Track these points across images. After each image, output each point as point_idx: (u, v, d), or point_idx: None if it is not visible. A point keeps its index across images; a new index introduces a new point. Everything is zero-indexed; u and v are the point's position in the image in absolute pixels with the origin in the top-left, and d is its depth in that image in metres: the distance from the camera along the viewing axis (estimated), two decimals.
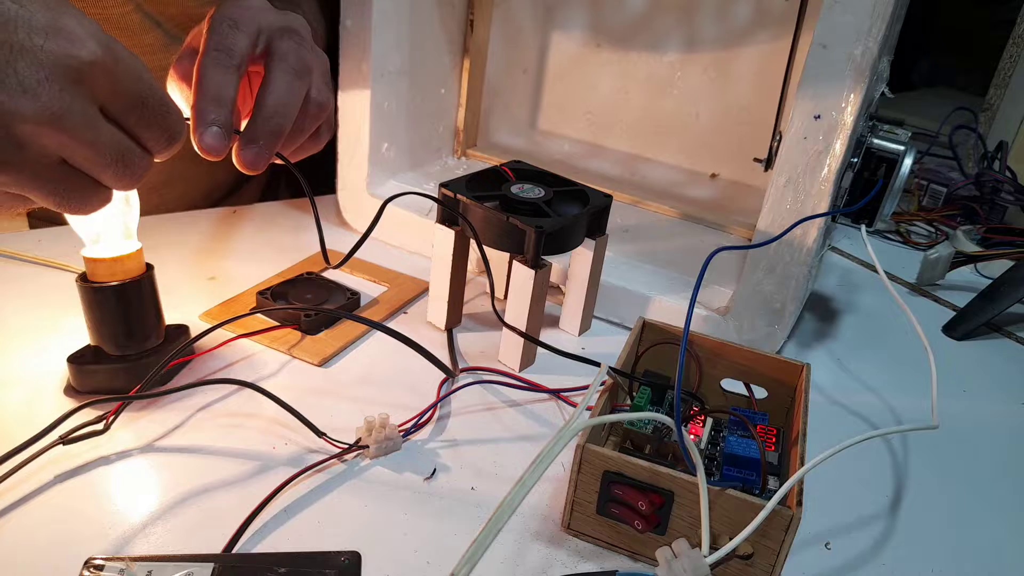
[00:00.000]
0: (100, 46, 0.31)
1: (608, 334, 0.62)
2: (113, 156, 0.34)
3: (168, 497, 0.40)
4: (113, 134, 0.34)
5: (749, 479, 0.40)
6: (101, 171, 0.35)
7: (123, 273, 0.45)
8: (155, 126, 0.36)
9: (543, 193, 0.56)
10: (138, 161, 0.36)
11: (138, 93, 0.34)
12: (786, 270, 0.55)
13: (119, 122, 0.35)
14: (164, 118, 0.36)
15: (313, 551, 0.36)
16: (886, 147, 0.56)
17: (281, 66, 0.44)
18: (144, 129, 0.36)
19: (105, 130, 0.34)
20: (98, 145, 0.33)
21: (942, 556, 0.43)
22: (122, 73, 0.33)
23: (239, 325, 0.53)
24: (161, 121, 0.36)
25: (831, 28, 0.49)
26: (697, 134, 0.85)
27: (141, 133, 0.36)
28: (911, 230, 0.92)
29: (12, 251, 0.61)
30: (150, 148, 0.37)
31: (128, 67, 0.33)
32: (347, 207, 0.73)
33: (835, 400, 0.57)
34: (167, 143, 0.37)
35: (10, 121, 0.30)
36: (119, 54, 0.33)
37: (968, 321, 0.69)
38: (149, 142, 0.37)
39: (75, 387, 0.46)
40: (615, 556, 0.40)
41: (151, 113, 0.35)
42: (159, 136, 0.37)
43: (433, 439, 0.47)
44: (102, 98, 0.33)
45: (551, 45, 0.88)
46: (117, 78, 0.33)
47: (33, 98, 0.30)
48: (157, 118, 0.36)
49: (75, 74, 0.31)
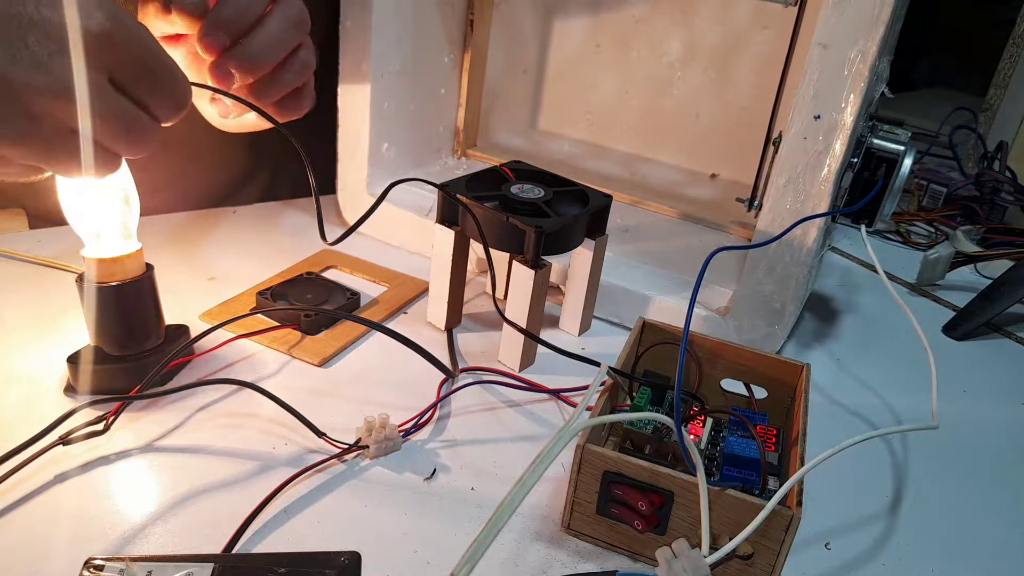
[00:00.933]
0: (107, 16, 0.32)
1: (608, 334, 0.62)
2: (123, 125, 0.35)
3: (168, 497, 0.40)
4: (122, 104, 0.35)
5: (749, 479, 0.40)
6: (111, 141, 0.35)
7: (123, 273, 0.45)
8: (162, 94, 0.36)
9: (543, 193, 0.56)
10: (147, 129, 0.37)
11: (145, 62, 0.34)
12: (786, 270, 0.55)
13: (127, 91, 0.35)
14: (171, 86, 0.37)
15: (313, 551, 0.35)
16: (886, 147, 0.56)
17: (283, 9, 0.44)
18: (152, 97, 0.36)
19: (114, 100, 0.34)
20: (107, 116, 0.34)
21: (942, 556, 0.43)
22: (129, 42, 0.33)
23: (239, 325, 0.53)
24: (168, 89, 0.36)
25: (831, 28, 0.49)
26: (697, 134, 0.85)
27: (149, 101, 0.36)
28: (911, 230, 0.92)
29: (12, 251, 0.61)
30: (158, 116, 0.37)
31: (135, 36, 0.33)
32: (347, 207, 0.73)
33: (835, 400, 0.57)
34: (175, 110, 0.38)
35: (24, 94, 0.30)
36: (126, 23, 0.33)
37: (968, 321, 0.69)
38: (157, 110, 0.37)
39: (75, 387, 0.46)
40: (615, 556, 0.40)
41: (158, 81, 0.36)
42: (167, 103, 0.37)
43: (433, 439, 0.47)
44: (110, 68, 0.33)
45: (551, 45, 0.88)
46: (124, 48, 0.33)
47: (46, 72, 0.30)
48: (164, 86, 0.36)
49: (84, 46, 0.31)
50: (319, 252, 0.68)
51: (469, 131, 0.82)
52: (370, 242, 0.72)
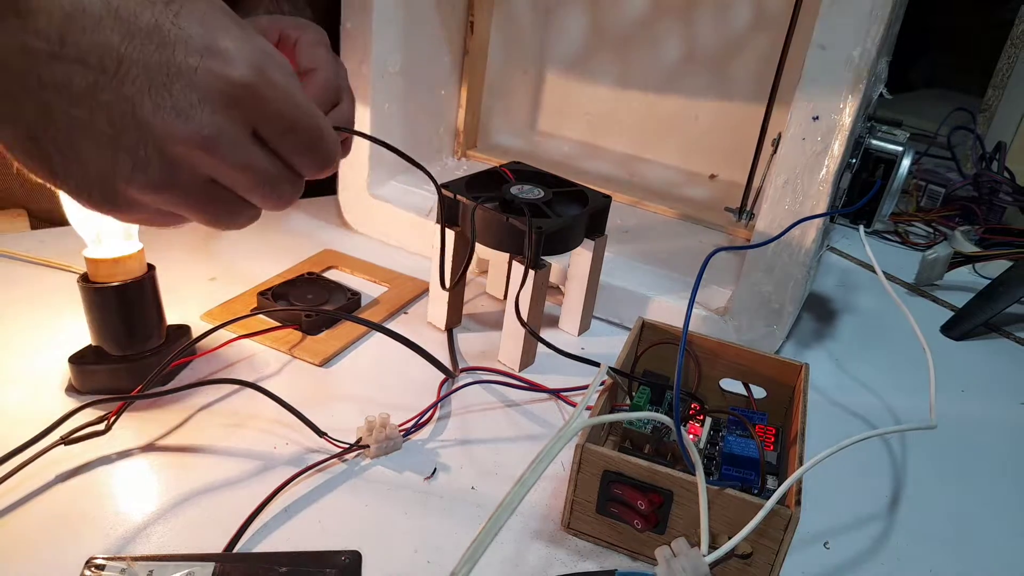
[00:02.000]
0: (252, 69, 0.31)
1: (607, 334, 0.62)
2: (262, 180, 0.33)
3: (169, 497, 0.40)
4: (263, 159, 0.33)
5: (748, 479, 0.40)
6: (250, 194, 0.34)
7: (124, 273, 0.46)
8: (307, 151, 0.34)
9: (542, 194, 0.56)
10: (288, 186, 0.35)
11: (291, 118, 0.33)
12: (785, 270, 0.55)
13: (271, 146, 0.34)
14: (317, 143, 0.34)
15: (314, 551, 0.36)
16: (884, 148, 0.56)
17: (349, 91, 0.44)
18: (296, 155, 0.34)
19: (255, 154, 0.33)
20: (248, 169, 0.32)
21: (941, 555, 0.43)
22: (274, 97, 0.32)
23: (240, 325, 0.53)
24: (314, 146, 0.34)
25: (830, 29, 0.49)
26: (696, 135, 0.85)
27: (293, 158, 0.35)
28: (909, 231, 0.92)
29: (14, 251, 0.61)
30: (302, 173, 0.36)
31: (281, 91, 0.32)
32: (348, 207, 0.73)
33: (834, 400, 0.57)
34: (320, 168, 0.36)
35: (165, 143, 0.30)
36: (272, 77, 0.32)
37: (966, 321, 0.69)
38: (301, 167, 0.35)
39: (76, 387, 0.46)
40: (615, 555, 0.40)
41: (304, 138, 0.34)
42: (311, 162, 0.35)
43: (433, 439, 0.47)
44: (254, 121, 0.32)
45: (551, 45, 0.88)
46: (269, 102, 0.32)
47: (186, 120, 0.30)
48: (310, 144, 0.34)
49: (227, 97, 0.30)
50: (320, 252, 0.68)
51: (469, 132, 0.82)
52: (370, 242, 0.72)
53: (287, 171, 0.35)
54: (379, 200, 0.71)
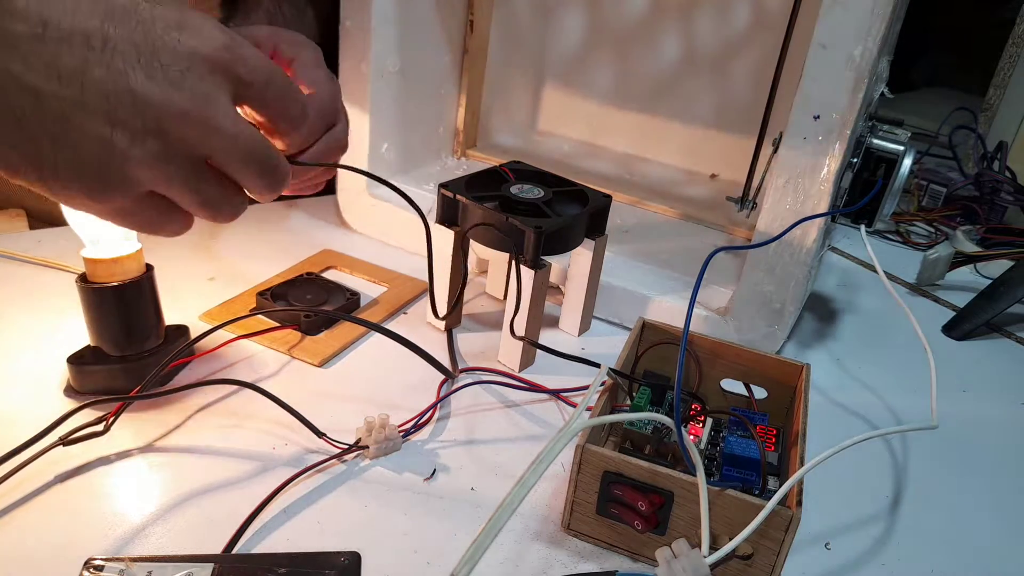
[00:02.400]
0: (224, 35, 0.32)
1: (608, 334, 0.62)
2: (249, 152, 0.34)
3: (168, 497, 0.40)
4: (248, 127, 0.34)
5: (749, 479, 0.40)
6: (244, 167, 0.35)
7: (123, 274, 0.45)
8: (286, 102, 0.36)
9: (542, 193, 0.56)
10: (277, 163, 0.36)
11: (267, 71, 0.34)
12: (786, 270, 0.55)
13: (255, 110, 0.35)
14: (289, 91, 0.36)
15: (313, 551, 0.36)
16: (885, 147, 0.56)
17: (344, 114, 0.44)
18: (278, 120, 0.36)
19: (242, 121, 0.34)
20: (238, 137, 0.33)
21: (942, 556, 0.43)
22: (249, 55, 0.33)
23: (239, 326, 0.53)
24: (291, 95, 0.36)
25: (831, 28, 0.49)
26: (696, 134, 0.85)
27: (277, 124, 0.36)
28: (911, 230, 0.92)
29: (12, 251, 0.61)
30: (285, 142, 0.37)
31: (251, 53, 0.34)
32: (347, 208, 0.73)
33: (835, 400, 0.57)
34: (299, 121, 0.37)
35: (161, 112, 0.31)
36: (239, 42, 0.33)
37: (968, 321, 0.69)
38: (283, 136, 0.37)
39: (75, 388, 0.46)
40: (615, 556, 0.40)
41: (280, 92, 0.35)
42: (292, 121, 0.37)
43: (433, 439, 0.47)
44: (234, 84, 0.33)
45: (551, 45, 0.88)
46: (246, 60, 0.33)
47: (179, 88, 0.31)
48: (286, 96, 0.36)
49: (210, 63, 0.32)
50: (319, 252, 0.68)
51: (469, 131, 0.82)
52: (370, 242, 0.72)
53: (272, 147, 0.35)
54: (378, 200, 0.71)
